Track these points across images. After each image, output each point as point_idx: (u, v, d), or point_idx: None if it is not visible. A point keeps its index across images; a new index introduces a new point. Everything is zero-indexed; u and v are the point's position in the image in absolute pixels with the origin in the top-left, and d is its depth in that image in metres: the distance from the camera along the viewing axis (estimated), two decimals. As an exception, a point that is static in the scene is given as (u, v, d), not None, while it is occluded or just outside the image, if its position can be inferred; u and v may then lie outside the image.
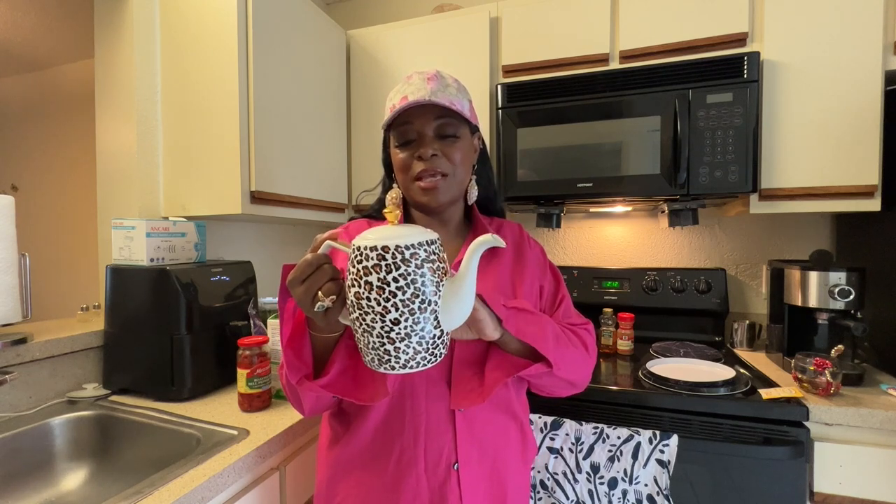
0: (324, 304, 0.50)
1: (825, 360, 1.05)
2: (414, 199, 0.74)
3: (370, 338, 0.50)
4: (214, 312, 1.14)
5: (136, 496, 0.68)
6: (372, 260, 0.48)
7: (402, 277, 0.48)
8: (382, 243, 0.48)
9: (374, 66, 1.67)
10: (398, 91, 0.72)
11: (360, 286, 0.48)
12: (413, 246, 0.48)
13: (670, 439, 1.01)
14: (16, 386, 1.01)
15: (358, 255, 0.49)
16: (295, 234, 1.92)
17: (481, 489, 0.70)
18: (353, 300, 0.49)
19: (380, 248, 0.48)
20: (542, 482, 1.09)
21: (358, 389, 0.61)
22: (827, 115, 1.23)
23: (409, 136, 0.71)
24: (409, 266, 0.48)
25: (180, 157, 1.30)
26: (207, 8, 1.23)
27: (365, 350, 0.52)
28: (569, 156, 1.39)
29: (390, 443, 0.68)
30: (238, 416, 0.98)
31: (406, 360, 0.51)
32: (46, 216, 2.94)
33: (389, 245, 0.47)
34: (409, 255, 0.48)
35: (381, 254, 0.47)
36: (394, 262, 0.47)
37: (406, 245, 0.48)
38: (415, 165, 0.71)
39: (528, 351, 0.66)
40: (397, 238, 0.48)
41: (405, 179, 0.73)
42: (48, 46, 2.59)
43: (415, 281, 0.48)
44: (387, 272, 0.47)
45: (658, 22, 1.36)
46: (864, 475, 0.97)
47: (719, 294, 1.53)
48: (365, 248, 0.48)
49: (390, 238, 0.48)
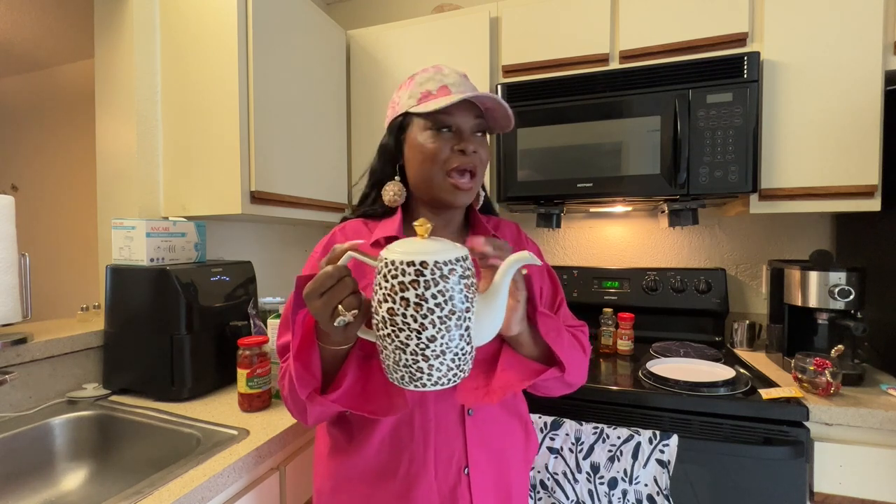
0: (345, 318, 0.49)
1: (825, 360, 1.05)
2: (436, 193, 0.70)
3: (403, 355, 0.48)
4: (214, 312, 1.14)
5: (136, 496, 0.68)
6: (409, 275, 0.46)
7: (440, 294, 0.47)
8: (420, 258, 0.46)
9: (374, 66, 1.67)
10: (432, 79, 0.70)
11: (394, 302, 0.47)
12: (451, 262, 0.47)
13: (670, 439, 1.01)
14: (16, 386, 1.01)
15: (392, 269, 0.47)
16: (295, 234, 1.92)
17: (490, 491, 0.69)
18: (385, 316, 0.48)
19: (417, 263, 0.46)
20: (542, 482, 1.09)
21: (370, 403, 0.59)
22: (827, 115, 1.23)
23: (445, 123, 0.68)
24: (448, 282, 0.47)
25: (180, 157, 1.30)
26: (207, 8, 1.23)
27: (393, 367, 0.50)
28: (569, 156, 1.39)
29: (399, 452, 0.66)
30: (238, 416, 0.98)
31: (438, 377, 0.49)
32: (46, 216, 2.94)
33: (428, 260, 0.46)
34: (448, 270, 0.47)
35: (419, 269, 0.46)
36: (432, 277, 0.46)
37: (444, 261, 0.47)
38: (452, 157, 0.68)
39: (539, 353, 0.66)
40: (434, 253, 0.47)
41: (432, 169, 0.69)
42: (48, 46, 2.59)
43: (452, 297, 0.47)
44: (425, 288, 0.46)
45: (658, 22, 1.36)
46: (864, 475, 0.97)
47: (719, 294, 1.53)
48: (401, 262, 0.46)
49: (426, 253, 0.47)
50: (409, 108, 0.70)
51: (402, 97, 0.73)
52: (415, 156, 0.71)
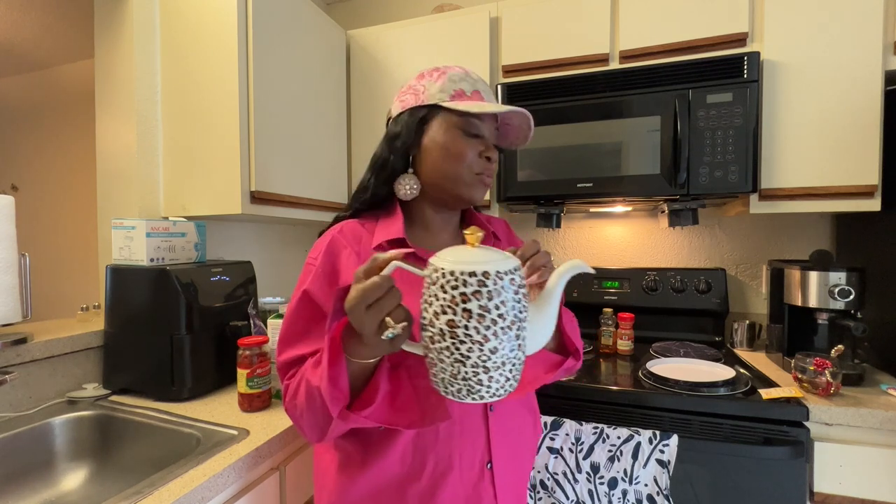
0: (395, 331, 0.47)
1: (825, 360, 1.05)
2: (458, 189, 0.70)
3: (462, 368, 0.47)
4: (214, 312, 1.14)
5: (136, 496, 0.68)
6: (471, 286, 0.45)
7: (502, 304, 0.46)
8: (481, 268, 0.45)
9: (374, 66, 1.67)
10: (464, 80, 0.70)
11: (455, 313, 0.45)
12: (511, 271, 0.47)
13: (670, 439, 1.01)
14: (16, 386, 1.01)
15: (452, 280, 0.45)
16: (295, 234, 1.92)
17: (509, 483, 0.71)
18: (443, 328, 0.46)
19: (479, 273, 0.45)
20: (542, 482, 1.09)
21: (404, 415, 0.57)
22: (827, 115, 1.23)
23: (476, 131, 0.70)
24: (509, 292, 0.46)
25: (180, 157, 1.30)
26: (207, 8, 1.23)
27: (450, 380, 0.48)
28: (569, 156, 1.39)
29: (423, 456, 0.65)
30: (238, 416, 0.98)
31: (497, 388, 0.48)
32: (46, 216, 2.94)
33: (490, 270, 0.45)
34: (508, 280, 0.46)
35: (481, 280, 0.45)
36: (494, 288, 0.45)
37: (505, 270, 0.46)
38: (478, 162, 0.70)
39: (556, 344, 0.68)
40: (492, 263, 0.46)
41: (457, 168, 0.69)
42: (48, 46, 2.59)
43: (514, 307, 0.47)
44: (488, 299, 0.45)
45: (658, 22, 1.36)
46: (864, 475, 0.97)
47: (719, 294, 1.53)
48: (462, 273, 0.45)
49: (484, 262, 0.46)
50: (441, 102, 0.68)
51: (431, 89, 0.70)
52: (437, 151, 0.69)
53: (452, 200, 0.72)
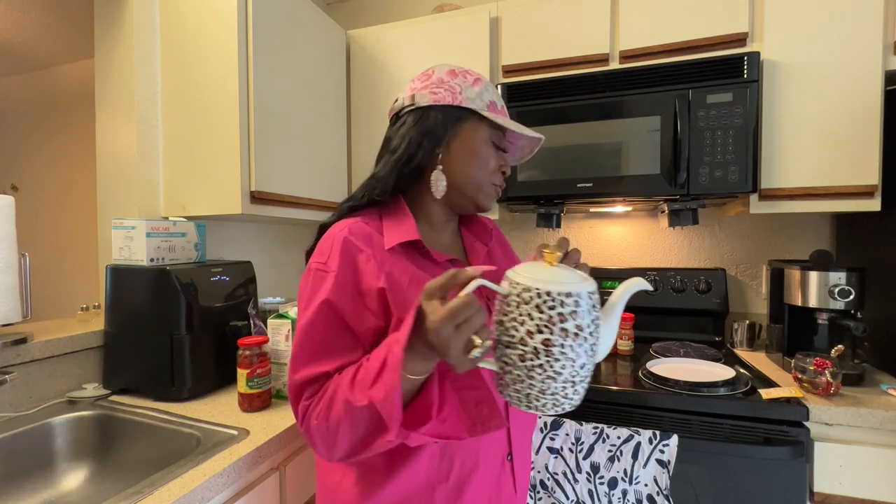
0: (482, 349, 0.47)
1: (825, 360, 1.05)
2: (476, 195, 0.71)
3: (553, 384, 0.48)
4: (214, 312, 1.14)
5: (136, 496, 0.68)
6: (568, 306, 0.47)
7: (592, 323, 0.49)
8: (576, 289, 0.48)
9: (374, 66, 1.67)
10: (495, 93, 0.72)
11: (552, 332, 0.47)
12: (595, 291, 0.50)
13: (670, 439, 1.01)
14: (16, 386, 1.01)
15: (549, 300, 0.47)
16: (295, 234, 1.92)
17: (523, 470, 0.73)
18: (538, 347, 0.47)
19: (574, 293, 0.47)
20: (542, 482, 1.09)
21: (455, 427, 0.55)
22: (827, 115, 1.23)
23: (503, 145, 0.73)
24: (596, 310, 0.49)
25: (180, 157, 1.30)
26: (207, 8, 1.23)
27: (536, 396, 0.49)
28: (569, 156, 1.39)
29: (451, 458, 0.64)
30: (238, 416, 0.98)
31: (576, 400, 0.51)
32: (46, 216, 2.94)
33: (582, 291, 0.48)
34: (595, 299, 0.50)
35: (576, 300, 0.47)
36: (587, 307, 0.48)
37: (593, 290, 0.50)
38: (497, 174, 0.72)
39: None
40: (582, 283, 0.49)
41: (483, 176, 0.70)
42: (48, 46, 2.59)
43: (596, 324, 0.49)
44: (582, 318, 0.47)
45: (658, 22, 1.36)
46: (864, 475, 0.97)
47: (719, 294, 1.53)
48: (559, 293, 0.47)
49: (576, 283, 0.48)
50: (479, 110, 0.68)
51: (469, 93, 0.69)
52: (467, 157, 0.69)
53: (468, 205, 0.72)
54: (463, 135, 0.69)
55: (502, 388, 0.52)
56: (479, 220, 0.82)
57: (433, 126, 0.68)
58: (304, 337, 0.61)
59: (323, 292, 0.60)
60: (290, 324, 1.06)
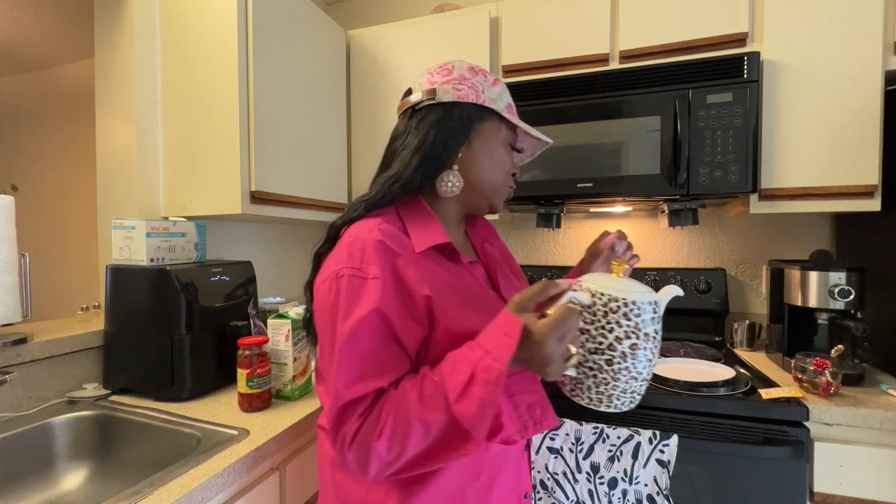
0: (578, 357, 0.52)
1: (825, 360, 1.05)
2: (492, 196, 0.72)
3: (634, 384, 0.54)
4: (214, 312, 1.14)
5: (136, 496, 0.68)
6: (649, 313, 0.53)
7: (661, 328, 0.56)
8: (654, 297, 0.55)
9: (374, 66, 1.67)
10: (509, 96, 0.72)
11: (638, 338, 0.52)
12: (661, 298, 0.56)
13: (670, 439, 1.01)
14: (16, 386, 1.01)
15: (636, 309, 0.53)
16: (295, 234, 1.92)
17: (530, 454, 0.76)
18: (625, 351, 0.52)
19: (653, 302, 0.54)
20: (542, 482, 1.09)
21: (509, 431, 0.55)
22: (827, 115, 1.23)
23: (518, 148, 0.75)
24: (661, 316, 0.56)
25: (180, 157, 1.30)
26: (207, 8, 1.23)
27: (619, 395, 0.55)
28: (569, 156, 1.39)
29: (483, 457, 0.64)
30: (238, 416, 0.98)
31: (641, 396, 0.57)
32: (46, 216, 2.94)
33: (658, 300, 0.55)
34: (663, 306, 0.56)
35: (654, 307, 0.54)
36: (660, 314, 0.55)
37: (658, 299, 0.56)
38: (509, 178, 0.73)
39: None
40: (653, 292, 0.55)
41: (501, 177, 0.71)
42: (48, 46, 2.59)
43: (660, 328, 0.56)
44: (658, 323, 0.54)
45: (658, 22, 1.36)
46: (864, 475, 0.97)
47: (719, 294, 1.53)
48: (644, 302, 0.53)
49: (650, 292, 0.55)
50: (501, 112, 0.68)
51: (490, 93, 0.68)
52: (487, 158, 0.69)
53: (483, 205, 0.72)
54: (484, 134, 0.68)
55: (580, 391, 0.57)
56: (483, 220, 0.82)
57: (458, 124, 0.66)
58: (348, 350, 0.54)
59: (368, 301, 0.55)
60: (290, 324, 1.06)
